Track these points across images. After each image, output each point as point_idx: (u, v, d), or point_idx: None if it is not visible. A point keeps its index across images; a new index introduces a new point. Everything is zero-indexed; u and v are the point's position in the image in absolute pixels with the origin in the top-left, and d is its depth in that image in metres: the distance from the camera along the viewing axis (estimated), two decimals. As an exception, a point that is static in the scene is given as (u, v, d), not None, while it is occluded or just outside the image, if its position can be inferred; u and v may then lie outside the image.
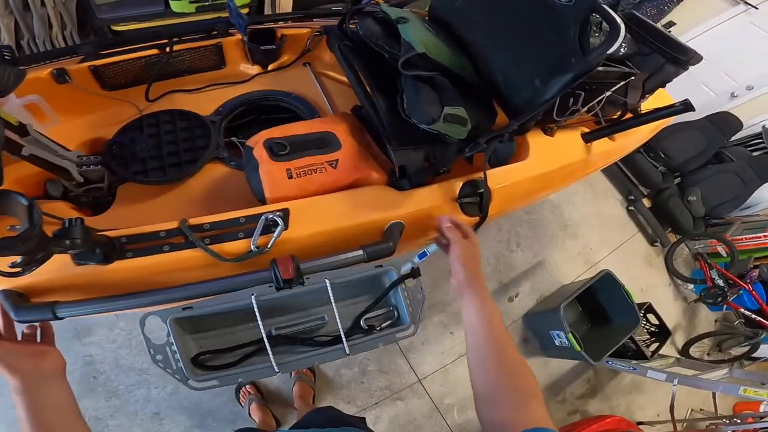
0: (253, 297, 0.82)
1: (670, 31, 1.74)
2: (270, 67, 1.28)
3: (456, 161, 0.96)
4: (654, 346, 2.15)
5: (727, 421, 1.78)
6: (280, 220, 0.83)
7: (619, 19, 0.76)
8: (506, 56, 0.98)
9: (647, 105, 1.18)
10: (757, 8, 2.34)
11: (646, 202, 2.65)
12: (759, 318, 2.26)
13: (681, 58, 1.09)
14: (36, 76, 0.98)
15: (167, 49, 1.13)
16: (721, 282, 2.37)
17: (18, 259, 0.63)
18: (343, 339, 0.86)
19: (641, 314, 1.98)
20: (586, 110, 1.07)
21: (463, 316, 0.72)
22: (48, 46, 1.77)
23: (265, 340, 0.83)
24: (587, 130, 1.22)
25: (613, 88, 1.03)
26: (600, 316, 2.06)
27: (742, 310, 2.31)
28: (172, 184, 1.04)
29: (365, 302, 0.97)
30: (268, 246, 0.83)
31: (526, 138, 1.10)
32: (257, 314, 0.82)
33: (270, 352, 0.83)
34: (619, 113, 1.20)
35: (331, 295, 0.85)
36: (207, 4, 1.89)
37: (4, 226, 0.64)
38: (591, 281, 1.92)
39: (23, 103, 0.91)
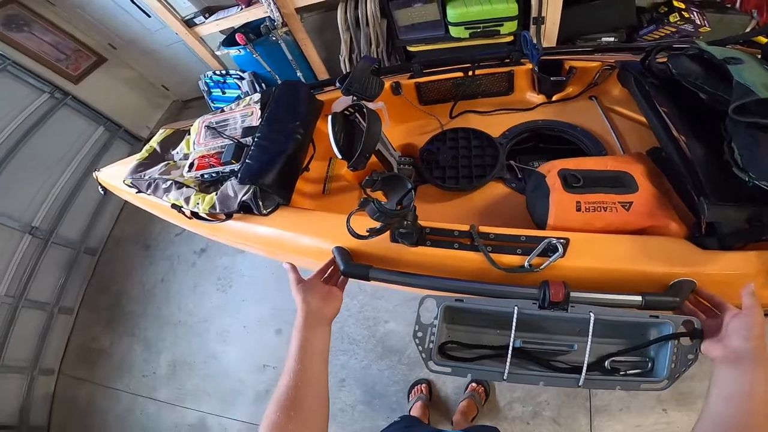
0: (516, 308, 0.89)
1: None
2: (554, 98, 1.32)
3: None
4: None
5: None
6: (561, 247, 0.86)
7: None
8: None
9: None
10: None
11: None
12: None
13: None
14: (383, 86, 1.27)
15: (470, 73, 1.31)
16: None
17: (377, 225, 0.84)
18: (583, 371, 0.84)
19: None
20: None
21: (720, 388, 0.64)
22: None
23: (510, 349, 0.88)
24: None
25: None
26: None
27: None
28: (460, 193, 1.19)
29: (617, 344, 0.92)
30: (541, 267, 0.87)
31: None
32: (514, 324, 0.89)
33: (509, 361, 0.88)
34: None
35: (591, 328, 0.84)
36: (479, 30, 2.12)
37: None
38: None
39: (375, 107, 1.20)
